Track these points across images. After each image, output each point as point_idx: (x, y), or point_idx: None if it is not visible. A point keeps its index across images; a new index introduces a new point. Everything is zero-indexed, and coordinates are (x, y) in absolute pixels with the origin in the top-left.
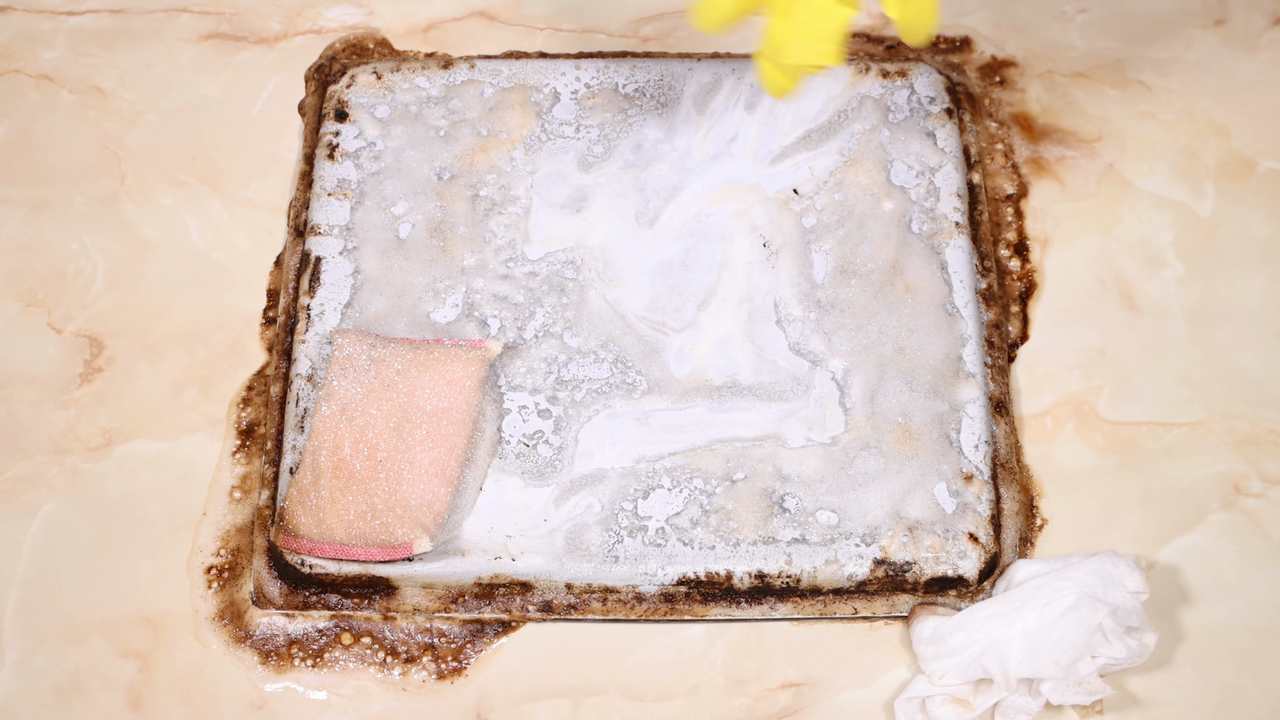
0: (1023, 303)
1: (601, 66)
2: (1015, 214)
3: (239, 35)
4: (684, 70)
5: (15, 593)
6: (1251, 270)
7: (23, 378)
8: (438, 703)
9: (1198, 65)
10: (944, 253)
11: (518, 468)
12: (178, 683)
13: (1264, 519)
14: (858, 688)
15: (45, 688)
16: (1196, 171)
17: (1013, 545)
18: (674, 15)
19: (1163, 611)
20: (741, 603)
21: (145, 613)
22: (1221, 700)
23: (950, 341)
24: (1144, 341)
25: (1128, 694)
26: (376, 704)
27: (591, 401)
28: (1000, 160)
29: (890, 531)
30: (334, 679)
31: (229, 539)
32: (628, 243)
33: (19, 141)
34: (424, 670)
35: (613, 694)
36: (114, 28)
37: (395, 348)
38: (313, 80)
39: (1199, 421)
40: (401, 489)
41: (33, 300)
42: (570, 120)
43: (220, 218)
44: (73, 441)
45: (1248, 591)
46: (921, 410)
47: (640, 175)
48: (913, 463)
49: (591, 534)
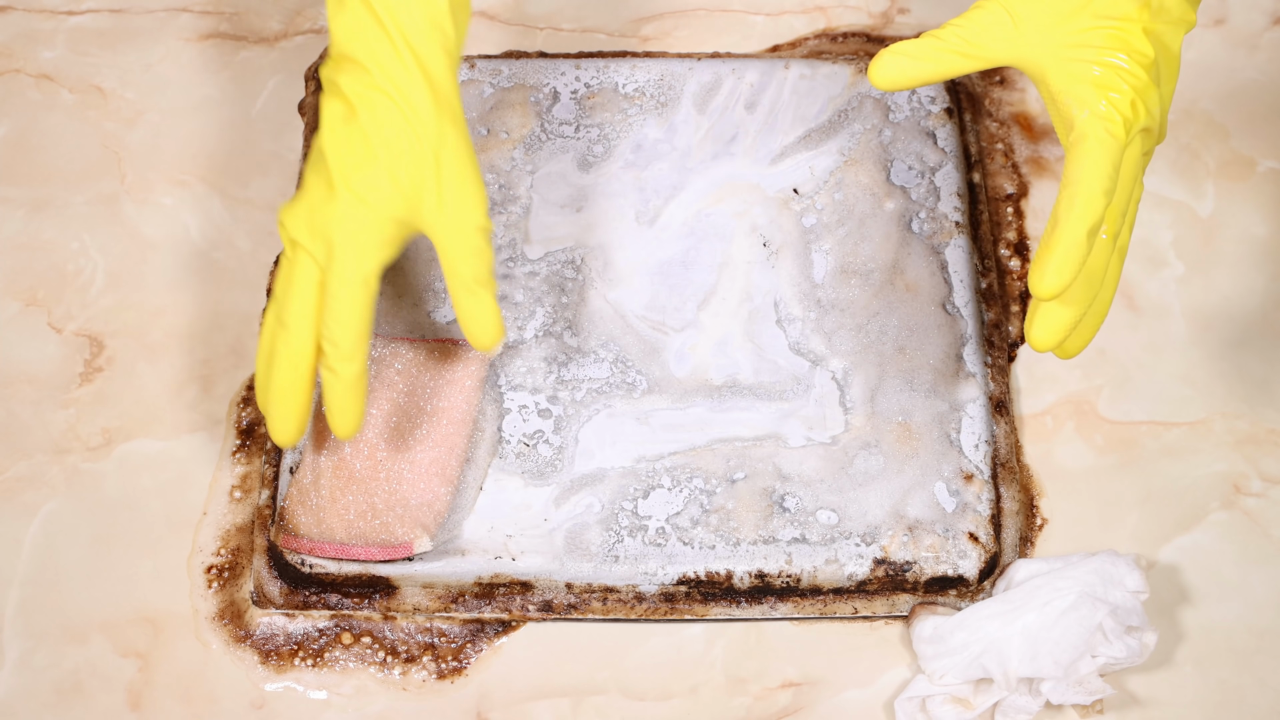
0: (1023, 302)
1: (601, 66)
2: (1015, 213)
3: (239, 35)
4: (684, 70)
5: (15, 592)
6: (1251, 270)
7: (23, 377)
8: (438, 702)
9: (1198, 65)
10: (944, 252)
11: (518, 467)
12: (178, 682)
13: (1264, 519)
14: (858, 687)
15: (45, 687)
16: (1196, 171)
17: (1013, 545)
18: (674, 15)
19: (1163, 611)
20: (741, 602)
21: (145, 612)
22: (1221, 700)
23: (950, 341)
24: (1144, 341)
25: (1128, 694)
26: (376, 704)
27: (591, 401)
28: (1000, 160)
29: (890, 531)
30: (334, 679)
31: (229, 539)
32: (628, 242)
33: (19, 141)
34: (424, 670)
35: (613, 694)
36: (114, 27)
37: (395, 347)
38: (313, 80)
39: (1199, 421)
40: (401, 488)
41: (33, 300)
42: (570, 120)
43: (220, 217)
44: (73, 441)
45: (1248, 591)
46: (921, 410)
47: (640, 175)
48: (913, 462)
49: (591, 533)
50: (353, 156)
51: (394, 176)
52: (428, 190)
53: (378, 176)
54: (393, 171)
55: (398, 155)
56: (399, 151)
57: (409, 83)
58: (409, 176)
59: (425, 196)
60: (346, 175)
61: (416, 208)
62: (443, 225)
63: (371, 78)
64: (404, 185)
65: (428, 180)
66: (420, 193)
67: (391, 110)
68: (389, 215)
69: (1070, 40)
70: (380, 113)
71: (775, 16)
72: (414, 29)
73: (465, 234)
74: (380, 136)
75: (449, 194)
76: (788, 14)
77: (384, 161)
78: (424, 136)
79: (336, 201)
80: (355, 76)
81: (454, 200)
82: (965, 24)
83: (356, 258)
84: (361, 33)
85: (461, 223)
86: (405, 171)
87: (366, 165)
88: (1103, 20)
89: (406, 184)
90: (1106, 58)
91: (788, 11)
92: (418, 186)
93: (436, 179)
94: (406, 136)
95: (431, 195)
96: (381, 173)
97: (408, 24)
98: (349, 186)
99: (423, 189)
